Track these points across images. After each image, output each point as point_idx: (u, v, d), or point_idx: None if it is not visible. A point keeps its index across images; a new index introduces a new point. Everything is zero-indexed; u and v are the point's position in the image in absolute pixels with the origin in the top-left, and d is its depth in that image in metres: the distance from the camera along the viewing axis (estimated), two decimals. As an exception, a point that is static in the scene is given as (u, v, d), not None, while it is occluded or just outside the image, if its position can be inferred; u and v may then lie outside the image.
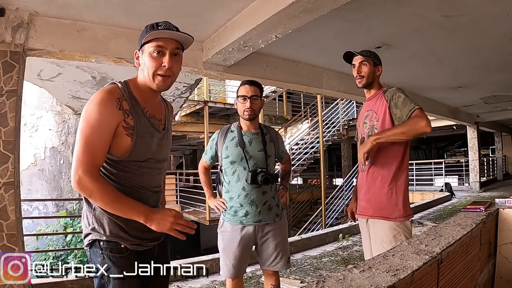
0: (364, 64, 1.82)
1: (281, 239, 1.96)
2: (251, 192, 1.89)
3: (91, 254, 1.16)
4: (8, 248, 2.41)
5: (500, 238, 1.95)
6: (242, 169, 1.90)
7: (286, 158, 2.21)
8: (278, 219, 1.97)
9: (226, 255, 1.94)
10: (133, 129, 1.14)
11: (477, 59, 4.44)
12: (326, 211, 9.30)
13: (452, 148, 19.21)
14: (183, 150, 17.40)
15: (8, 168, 2.44)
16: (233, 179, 1.93)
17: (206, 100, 8.70)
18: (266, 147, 1.95)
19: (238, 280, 1.97)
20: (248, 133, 1.96)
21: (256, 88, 1.92)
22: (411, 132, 1.63)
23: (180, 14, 2.71)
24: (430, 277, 1.03)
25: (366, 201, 1.84)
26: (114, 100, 1.11)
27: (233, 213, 1.92)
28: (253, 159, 1.91)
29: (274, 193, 1.98)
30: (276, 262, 1.93)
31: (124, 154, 1.13)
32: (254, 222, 1.90)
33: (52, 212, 6.04)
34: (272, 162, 1.99)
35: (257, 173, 1.87)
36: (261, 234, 1.93)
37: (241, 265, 1.94)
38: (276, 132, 2.11)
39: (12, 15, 2.52)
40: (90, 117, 1.08)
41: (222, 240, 1.96)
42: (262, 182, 1.86)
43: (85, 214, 1.18)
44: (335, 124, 11.23)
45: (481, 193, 10.08)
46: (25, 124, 5.90)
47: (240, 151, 1.91)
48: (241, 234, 1.90)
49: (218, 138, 2.01)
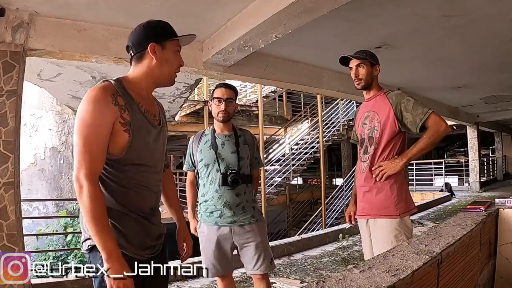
0: (361, 66, 1.83)
1: (261, 240, 1.95)
2: (224, 194, 1.91)
3: (91, 257, 1.14)
4: (8, 248, 2.41)
5: (500, 238, 1.95)
6: (214, 171, 1.92)
7: (257, 166, 2.14)
8: (254, 220, 1.95)
9: (205, 256, 1.96)
10: (129, 124, 1.12)
11: (477, 59, 4.44)
12: (326, 211, 9.30)
13: (452, 148, 19.22)
14: (183, 150, 17.41)
15: (8, 168, 2.44)
16: (207, 182, 1.95)
17: (206, 100, 8.69)
18: (239, 148, 1.96)
19: (227, 280, 1.99)
20: (221, 136, 1.98)
21: (232, 91, 1.95)
22: (437, 140, 1.67)
23: (180, 14, 2.71)
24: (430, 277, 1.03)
25: (366, 201, 1.83)
26: (109, 96, 1.09)
27: (209, 214, 1.94)
28: (225, 161, 1.93)
29: (249, 196, 1.98)
30: (259, 265, 1.93)
31: (122, 152, 1.11)
32: (229, 223, 1.91)
33: (52, 212, 6.04)
34: (246, 164, 1.99)
35: (228, 174, 1.90)
36: (239, 237, 1.93)
37: (222, 264, 1.94)
38: (252, 137, 2.11)
39: (12, 15, 2.52)
40: (86, 116, 1.06)
41: (201, 240, 1.99)
42: (231, 183, 1.88)
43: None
44: (335, 124, 11.22)
45: (481, 193, 10.09)
46: (25, 124, 5.90)
47: (212, 153, 1.93)
48: (217, 235, 1.92)
49: (193, 143, 2.04)
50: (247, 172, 1.98)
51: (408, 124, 1.72)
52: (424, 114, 1.67)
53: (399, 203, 1.73)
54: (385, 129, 1.76)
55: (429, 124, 1.68)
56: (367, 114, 1.87)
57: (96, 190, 1.05)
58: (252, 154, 2.04)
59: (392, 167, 1.72)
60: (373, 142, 1.80)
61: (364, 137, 1.87)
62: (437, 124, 1.66)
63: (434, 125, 1.66)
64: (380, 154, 1.78)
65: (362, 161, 1.88)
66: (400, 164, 1.70)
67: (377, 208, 1.77)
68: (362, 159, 1.88)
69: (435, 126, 1.66)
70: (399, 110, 1.73)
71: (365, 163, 1.84)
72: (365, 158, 1.84)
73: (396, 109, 1.74)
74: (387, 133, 1.75)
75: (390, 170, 1.71)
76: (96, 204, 1.04)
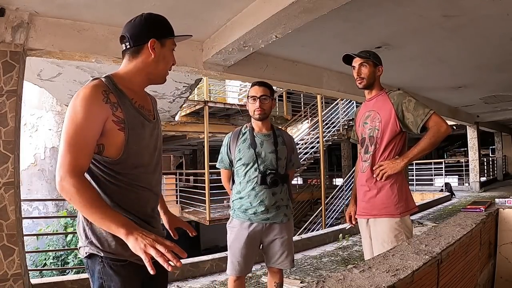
0: (364, 65, 1.83)
1: (288, 239, 2.00)
2: (260, 192, 1.92)
3: (89, 263, 1.10)
4: (8, 248, 2.41)
5: (500, 238, 1.95)
6: (253, 170, 1.93)
7: (293, 168, 2.14)
8: (286, 219, 2.00)
9: (232, 252, 1.98)
10: (124, 122, 1.08)
11: (477, 59, 4.44)
12: (326, 211, 9.29)
13: (452, 148, 19.22)
14: (183, 150, 17.40)
15: (8, 168, 2.44)
16: (244, 180, 1.96)
17: (206, 100, 8.69)
18: (278, 148, 1.97)
19: (240, 281, 1.99)
20: (259, 135, 1.99)
21: (266, 89, 1.96)
22: (438, 140, 1.68)
23: (180, 14, 2.71)
24: (430, 277, 1.03)
25: (367, 201, 1.84)
26: (100, 93, 1.04)
27: (243, 210, 1.95)
28: (263, 160, 1.93)
29: (284, 195, 2.00)
30: (282, 260, 1.98)
31: (120, 152, 1.07)
32: (262, 220, 1.93)
33: (52, 212, 6.04)
34: (283, 164, 2.00)
35: (267, 174, 1.90)
36: (268, 233, 1.96)
37: (246, 263, 1.96)
38: (290, 138, 2.13)
39: (12, 15, 2.52)
40: (75, 115, 1.01)
41: (230, 235, 2.01)
42: (270, 184, 1.89)
43: (81, 225, 1.11)
44: (335, 124, 11.21)
45: (481, 193, 10.08)
46: (25, 124, 5.90)
47: (252, 152, 1.93)
48: (248, 231, 1.93)
49: (230, 142, 2.03)
50: (283, 172, 1.99)
51: (409, 124, 1.73)
52: (425, 115, 1.68)
53: (399, 203, 1.73)
54: (386, 129, 1.76)
55: (430, 125, 1.68)
56: (368, 113, 1.88)
57: (81, 181, 1.00)
58: (289, 156, 2.04)
59: (392, 167, 1.72)
60: (374, 142, 1.81)
61: (365, 136, 1.87)
62: (438, 125, 1.67)
63: (435, 126, 1.67)
64: (381, 154, 1.78)
65: (363, 160, 1.88)
66: (401, 164, 1.71)
67: (378, 207, 1.77)
68: (363, 159, 1.88)
69: (436, 126, 1.67)
70: (400, 110, 1.73)
71: (366, 163, 1.84)
72: (366, 158, 1.85)
73: (397, 109, 1.74)
74: (388, 133, 1.76)
75: (390, 170, 1.72)
76: (86, 192, 0.99)
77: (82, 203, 0.98)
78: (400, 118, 1.74)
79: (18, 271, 2.43)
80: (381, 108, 1.80)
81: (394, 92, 1.82)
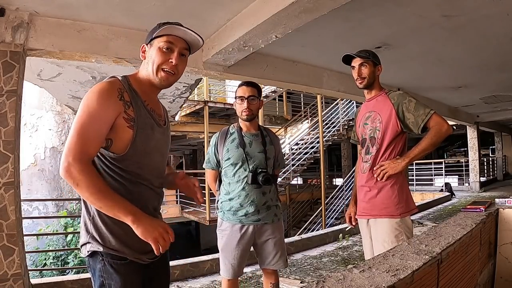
0: (364, 65, 1.83)
1: (280, 239, 1.99)
2: (251, 192, 1.90)
3: (91, 261, 1.12)
4: (8, 248, 2.41)
5: (500, 238, 1.95)
6: (242, 170, 1.91)
7: (279, 168, 2.15)
8: (277, 219, 1.99)
9: (225, 255, 1.95)
10: (134, 120, 1.11)
11: (477, 59, 4.44)
12: (326, 211, 9.29)
13: (452, 148, 19.22)
14: (183, 150, 17.41)
15: (8, 168, 2.44)
16: (233, 180, 1.94)
17: (206, 100, 8.70)
18: (266, 148, 1.97)
19: (234, 281, 1.98)
20: (248, 134, 1.97)
21: (253, 89, 1.94)
22: (439, 140, 1.68)
23: (180, 14, 2.71)
24: (430, 277, 1.03)
25: (367, 201, 1.84)
26: (115, 90, 1.09)
27: (233, 212, 1.93)
28: (253, 160, 1.92)
29: (273, 195, 1.99)
30: (276, 260, 1.97)
31: (125, 148, 1.10)
32: (253, 222, 1.91)
33: (52, 212, 6.04)
34: (271, 164, 1.99)
35: (258, 173, 1.89)
36: (260, 234, 1.95)
37: (240, 265, 1.95)
38: (275, 136, 2.12)
39: (12, 15, 2.52)
40: (88, 106, 1.05)
41: (221, 239, 1.98)
42: (263, 183, 1.87)
43: (84, 220, 1.14)
44: (335, 124, 11.22)
45: (481, 193, 10.08)
46: (25, 124, 5.90)
47: (241, 152, 1.92)
48: (241, 233, 1.92)
49: (218, 142, 2.01)
50: (271, 171, 1.98)
51: (410, 124, 1.73)
52: (426, 115, 1.68)
53: (400, 203, 1.73)
54: (387, 129, 1.76)
55: (431, 125, 1.69)
56: (368, 114, 1.87)
57: (89, 168, 1.03)
58: (277, 155, 2.05)
59: (393, 167, 1.72)
60: (375, 143, 1.80)
61: (365, 137, 1.87)
62: (439, 125, 1.67)
63: (436, 126, 1.67)
64: (382, 155, 1.78)
65: (364, 161, 1.88)
66: (402, 164, 1.71)
67: (378, 208, 1.77)
68: (364, 159, 1.88)
69: (437, 126, 1.67)
70: (401, 110, 1.73)
71: (367, 163, 1.84)
72: (367, 159, 1.85)
73: (398, 109, 1.74)
74: (389, 134, 1.76)
75: (391, 170, 1.72)
76: (94, 179, 1.01)
77: (90, 189, 1.00)
78: (401, 118, 1.74)
79: (18, 271, 2.43)
80: (381, 108, 1.80)
81: (394, 93, 1.82)
